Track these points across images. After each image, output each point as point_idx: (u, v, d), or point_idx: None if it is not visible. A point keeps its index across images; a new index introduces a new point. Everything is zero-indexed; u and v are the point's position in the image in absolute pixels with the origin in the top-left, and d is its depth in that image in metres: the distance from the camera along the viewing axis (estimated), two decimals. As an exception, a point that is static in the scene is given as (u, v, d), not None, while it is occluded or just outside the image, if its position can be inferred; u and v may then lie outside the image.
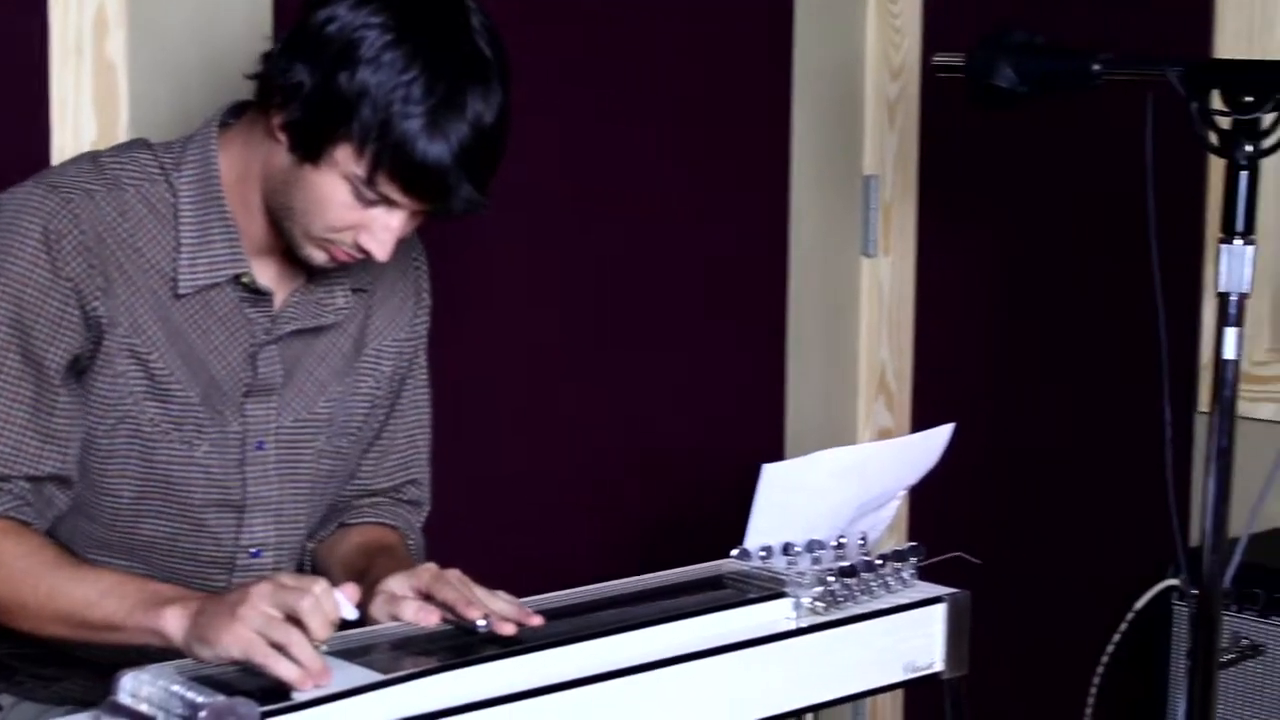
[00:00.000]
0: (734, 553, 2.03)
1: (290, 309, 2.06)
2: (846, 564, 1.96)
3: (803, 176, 3.08)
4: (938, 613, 2.00)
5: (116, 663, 1.66)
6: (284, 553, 2.10)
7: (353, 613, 1.74)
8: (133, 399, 1.97)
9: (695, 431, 2.98)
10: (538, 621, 1.79)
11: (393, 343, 2.17)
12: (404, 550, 2.17)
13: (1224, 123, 2.07)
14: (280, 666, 1.63)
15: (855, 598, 1.95)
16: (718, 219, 2.98)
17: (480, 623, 1.77)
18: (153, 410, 1.98)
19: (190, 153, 2.00)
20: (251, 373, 2.03)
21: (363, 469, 2.19)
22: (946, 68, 2.33)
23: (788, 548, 2.02)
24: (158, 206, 1.99)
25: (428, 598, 1.83)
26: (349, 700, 1.61)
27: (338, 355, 2.11)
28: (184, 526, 2.04)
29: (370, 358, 2.14)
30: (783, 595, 1.92)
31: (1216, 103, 2.08)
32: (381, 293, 2.15)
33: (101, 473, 1.99)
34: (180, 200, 1.99)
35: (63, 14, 2.22)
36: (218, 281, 2.00)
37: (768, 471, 2.02)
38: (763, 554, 2.01)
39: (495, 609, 1.79)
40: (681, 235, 2.93)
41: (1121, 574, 2.79)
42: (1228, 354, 2.08)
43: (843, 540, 2.04)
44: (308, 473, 2.10)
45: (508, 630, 1.77)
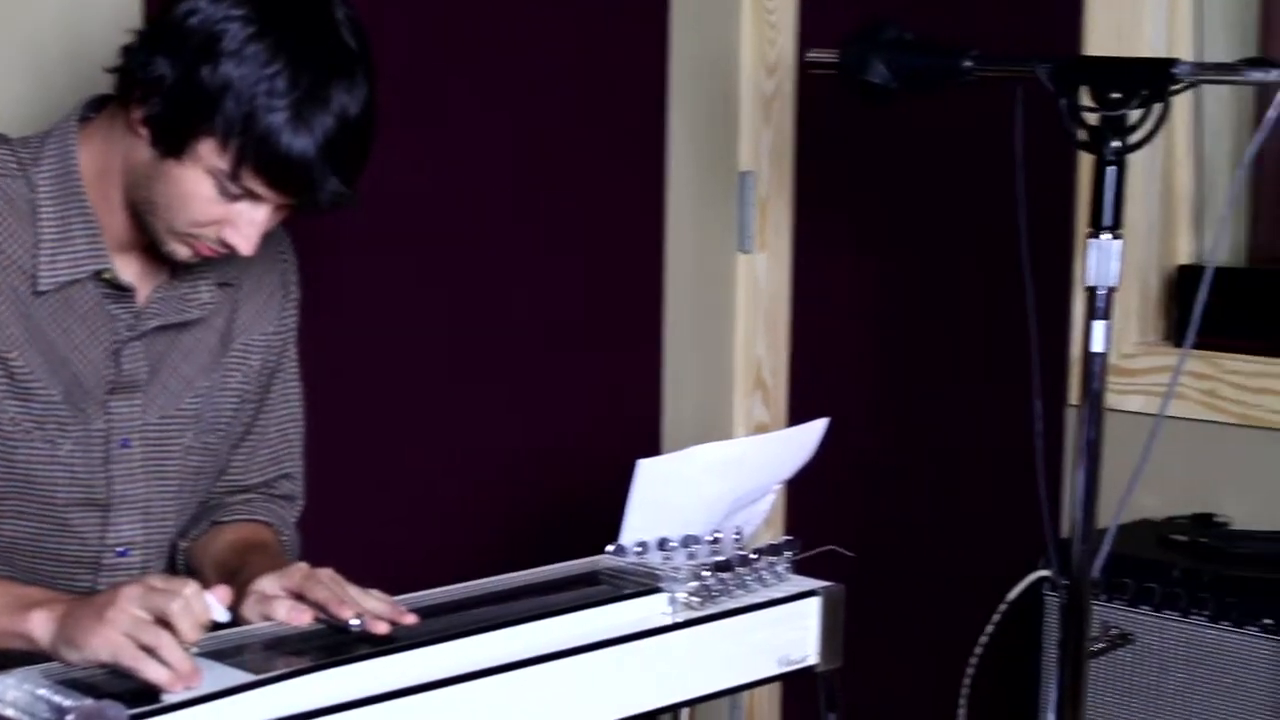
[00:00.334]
0: (609, 549, 2.03)
1: (154, 305, 2.03)
2: (721, 559, 1.97)
3: (679, 173, 3.08)
4: (812, 606, 2.01)
5: (-20, 667, 1.64)
6: (152, 551, 2.08)
7: (224, 615, 1.72)
8: (-8, 398, 1.94)
9: (572, 428, 2.98)
10: (412, 620, 1.79)
11: (260, 337, 2.15)
12: (277, 548, 2.15)
13: (1092, 119, 2.10)
14: (149, 669, 1.62)
15: (730, 592, 1.96)
16: (594, 216, 2.98)
17: (353, 622, 1.76)
18: (13, 409, 1.95)
19: (49, 148, 1.98)
20: (115, 370, 2.01)
21: (233, 464, 2.18)
22: (820, 64, 2.34)
23: (663, 543, 2.02)
24: (16, 202, 1.95)
25: (300, 597, 1.82)
26: (220, 701, 1.60)
27: (204, 351, 2.09)
28: (47, 526, 2.01)
29: (238, 352, 2.12)
30: (658, 591, 1.92)
31: (1085, 99, 2.11)
32: (248, 287, 2.13)
33: (-38, 474, 1.96)
34: (39, 196, 1.96)
35: (-78, 5, 2.18)
36: (79, 278, 1.97)
37: (642, 467, 2.02)
38: (638, 549, 2.02)
39: (368, 607, 1.78)
40: (558, 232, 2.93)
41: (995, 566, 2.81)
42: (1096, 347, 2.10)
43: (718, 535, 2.05)
44: (176, 470, 2.08)
45: (381, 629, 1.76)
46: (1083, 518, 2.12)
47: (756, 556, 2.00)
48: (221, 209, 1.90)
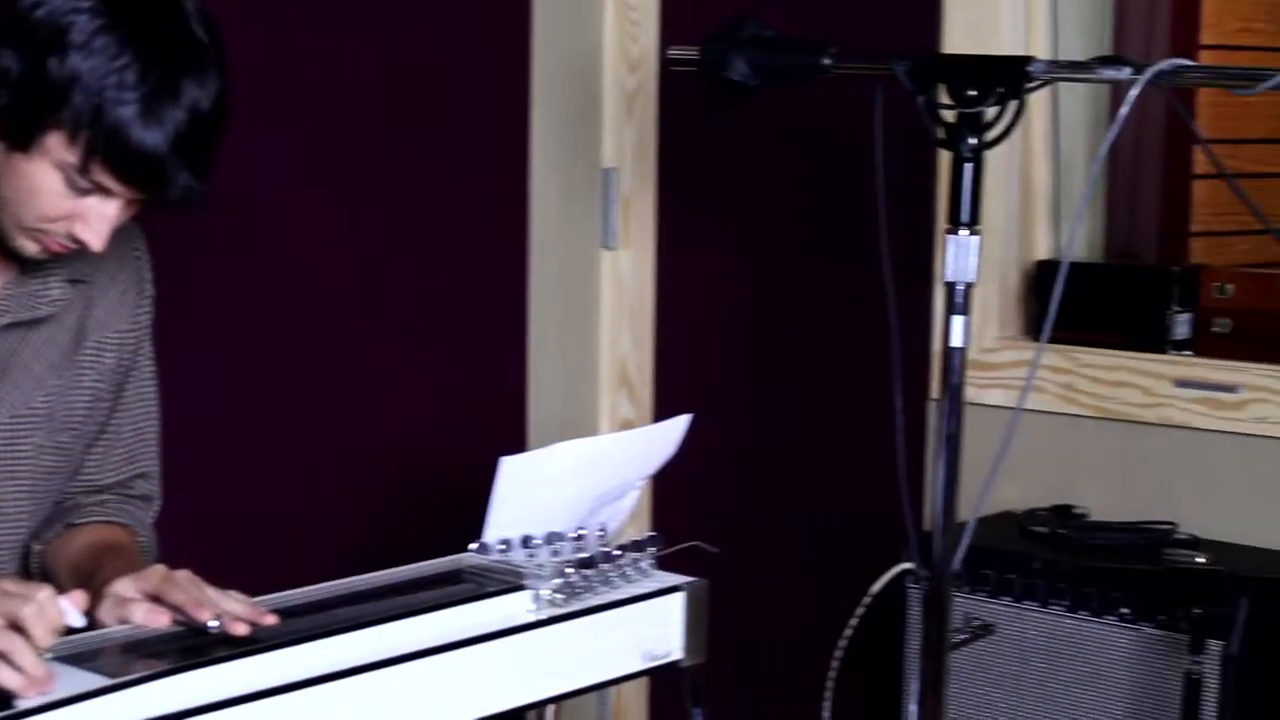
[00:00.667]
0: (473, 547, 2.03)
1: (3, 302, 2.00)
2: (585, 555, 1.97)
3: (542, 170, 3.08)
4: (676, 602, 2.02)
5: None
6: (4, 554, 2.05)
7: (78, 620, 1.70)
8: None
9: (438, 426, 2.97)
10: (272, 620, 1.77)
11: (114, 334, 2.12)
12: (134, 549, 2.12)
13: (950, 116, 2.12)
14: (2, 674, 1.59)
15: (594, 589, 1.96)
16: (458, 213, 2.97)
17: (212, 624, 1.74)
18: None
19: None
20: (-36, 368, 1.97)
21: (88, 464, 2.14)
22: (681, 61, 2.34)
23: (527, 540, 2.02)
24: None
25: (157, 600, 1.80)
26: (76, 706, 1.57)
27: (55, 349, 2.05)
28: (-106, 529, 1.97)
29: (91, 350, 2.09)
30: (521, 588, 1.92)
31: (943, 97, 2.13)
32: (101, 284, 2.10)
33: None
34: None
35: None
36: (-77, 275, 1.94)
37: (506, 464, 2.01)
38: (502, 547, 2.01)
39: (227, 609, 1.77)
40: (421, 230, 2.91)
41: (859, 559, 2.83)
42: (955, 342, 2.12)
43: (582, 532, 2.05)
44: (28, 470, 2.04)
45: (240, 630, 1.74)
46: (943, 511, 2.14)
47: (620, 553, 2.00)
48: (71, 204, 1.87)
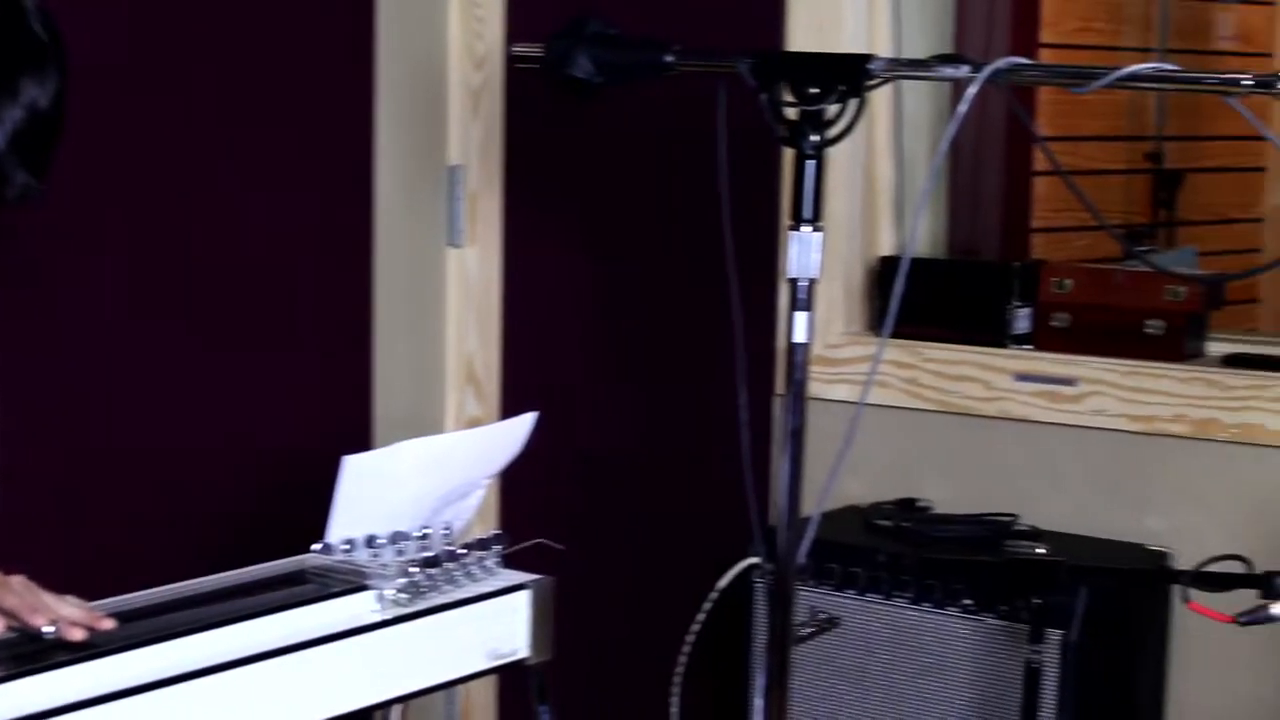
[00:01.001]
0: (316, 547, 2.01)
1: None
2: (430, 555, 1.96)
3: (387, 167, 3.05)
4: (521, 600, 2.02)
5: None
6: None
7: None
8: None
9: (281, 425, 2.93)
10: (110, 625, 1.75)
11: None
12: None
13: (792, 114, 2.13)
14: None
15: (439, 588, 1.95)
16: (301, 211, 2.94)
17: (46, 629, 1.72)
18: None
19: None
20: None
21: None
22: (525, 58, 2.34)
23: (371, 540, 2.01)
24: None
25: (-10, 606, 1.76)
26: (-96, 716, 1.54)
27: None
28: None
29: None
30: (365, 588, 1.91)
31: (786, 94, 2.14)
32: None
33: None
34: None
35: None
36: None
37: (348, 463, 2.00)
38: (345, 547, 2.00)
39: (63, 614, 1.74)
40: (264, 228, 2.88)
41: (707, 554, 2.84)
42: (798, 338, 2.14)
43: (427, 531, 2.04)
44: None
45: (77, 635, 1.72)
46: (787, 505, 2.16)
47: (465, 552, 2.00)
48: (-98, 201, 1.82)
